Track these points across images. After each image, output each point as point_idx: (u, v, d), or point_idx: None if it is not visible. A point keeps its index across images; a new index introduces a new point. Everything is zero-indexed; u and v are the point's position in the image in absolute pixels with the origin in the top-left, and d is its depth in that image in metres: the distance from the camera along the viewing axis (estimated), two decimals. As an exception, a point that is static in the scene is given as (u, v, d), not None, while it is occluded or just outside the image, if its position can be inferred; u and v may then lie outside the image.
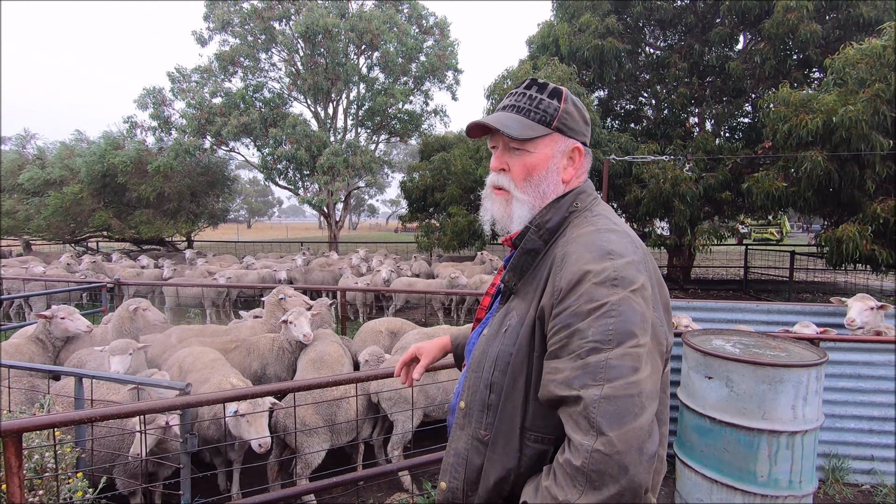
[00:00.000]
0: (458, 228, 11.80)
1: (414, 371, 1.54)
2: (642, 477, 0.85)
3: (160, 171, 15.45)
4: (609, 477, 0.84)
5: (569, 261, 1.01)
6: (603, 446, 0.85)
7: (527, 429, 1.05)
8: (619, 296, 0.94)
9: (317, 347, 4.36)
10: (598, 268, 0.97)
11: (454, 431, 1.19)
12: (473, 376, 1.14)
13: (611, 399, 0.87)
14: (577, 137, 1.18)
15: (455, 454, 1.15)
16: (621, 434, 0.85)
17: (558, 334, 0.97)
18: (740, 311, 4.31)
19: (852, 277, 12.56)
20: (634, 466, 0.85)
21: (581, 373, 0.91)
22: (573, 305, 0.96)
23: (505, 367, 1.07)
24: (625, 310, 0.93)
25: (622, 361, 0.90)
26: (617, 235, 1.05)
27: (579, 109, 1.19)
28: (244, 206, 58.57)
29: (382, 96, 16.60)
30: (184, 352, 4.17)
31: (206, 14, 17.09)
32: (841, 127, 7.38)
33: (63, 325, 4.48)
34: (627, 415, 0.87)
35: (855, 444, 3.76)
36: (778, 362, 2.84)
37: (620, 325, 0.92)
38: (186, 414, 2.71)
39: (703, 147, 10.87)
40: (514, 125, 1.14)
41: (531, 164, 1.16)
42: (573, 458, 0.88)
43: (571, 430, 0.90)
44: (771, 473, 2.84)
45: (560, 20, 12.74)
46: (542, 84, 1.19)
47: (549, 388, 0.96)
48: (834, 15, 10.20)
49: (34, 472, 2.55)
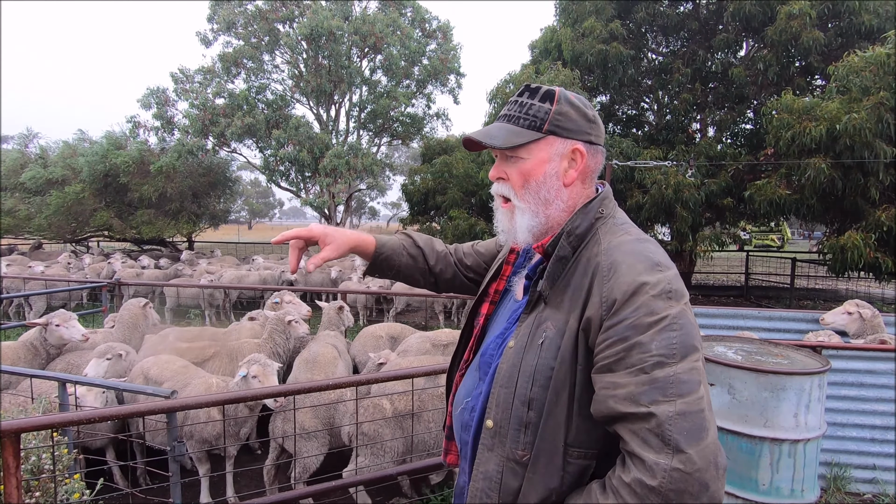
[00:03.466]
0: (459, 232, 11.79)
1: (310, 261, 1.28)
2: (721, 493, 0.84)
3: (162, 172, 15.46)
4: (689, 495, 0.82)
5: (619, 271, 0.98)
6: (682, 464, 0.83)
7: (570, 445, 1.00)
8: (677, 309, 0.93)
9: (311, 348, 4.36)
10: (654, 279, 0.95)
11: (481, 453, 1.10)
12: (503, 392, 1.06)
13: (685, 415, 0.85)
14: (577, 137, 1.13)
15: (485, 477, 1.07)
16: (699, 451, 0.84)
17: (613, 347, 0.93)
18: (742, 317, 4.30)
19: (854, 285, 12.53)
20: (714, 482, 0.84)
21: (649, 388, 0.88)
22: (631, 318, 0.92)
23: (546, 381, 1.01)
24: (685, 323, 0.92)
25: (690, 376, 0.88)
26: (655, 246, 1.04)
27: (577, 108, 1.13)
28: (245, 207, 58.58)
29: (385, 99, 16.63)
30: (148, 361, 4.00)
31: (210, 15, 17.15)
32: (845, 134, 7.38)
33: (58, 332, 4.32)
34: (701, 430, 0.85)
35: (857, 453, 3.74)
36: (780, 370, 2.83)
37: (683, 338, 0.90)
38: (174, 419, 2.68)
39: (706, 153, 10.87)
40: (499, 135, 1.12)
41: (527, 171, 1.13)
42: (646, 477, 0.84)
43: (639, 448, 0.87)
44: (773, 481, 2.82)
45: (563, 25, 12.77)
46: (534, 88, 1.15)
47: (609, 404, 0.92)
48: (836, 23, 10.21)
49: (31, 474, 2.53)
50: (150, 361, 3.97)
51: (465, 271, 1.52)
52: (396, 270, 1.47)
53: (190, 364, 4.02)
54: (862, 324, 4.11)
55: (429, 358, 4.26)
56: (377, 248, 1.43)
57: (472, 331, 1.32)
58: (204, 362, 4.35)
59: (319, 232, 1.32)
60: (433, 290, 1.55)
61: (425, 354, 4.48)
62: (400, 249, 1.46)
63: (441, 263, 1.50)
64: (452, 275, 1.51)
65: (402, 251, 1.46)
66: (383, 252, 1.43)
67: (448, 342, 4.78)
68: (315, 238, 1.33)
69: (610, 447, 0.96)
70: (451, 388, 1.32)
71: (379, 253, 1.43)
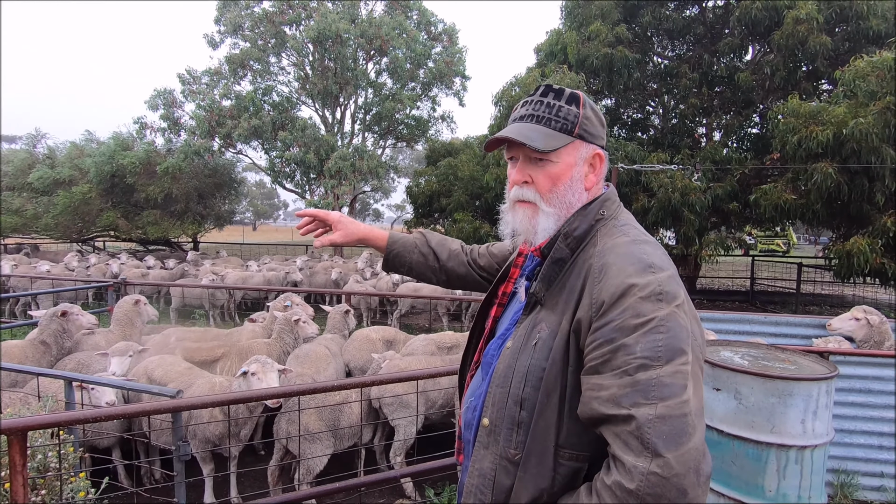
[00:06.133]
0: (463, 234, 11.78)
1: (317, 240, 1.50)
2: (700, 500, 0.83)
3: (168, 173, 15.55)
4: (666, 501, 0.81)
5: (609, 272, 0.98)
6: (660, 468, 0.82)
7: (561, 446, 1.00)
8: (666, 311, 0.91)
9: (303, 347, 4.42)
10: (643, 281, 0.94)
11: (477, 450, 1.12)
12: (499, 392, 1.08)
13: (665, 419, 0.84)
14: (597, 142, 1.15)
15: (480, 475, 1.09)
16: (678, 456, 0.82)
17: (600, 349, 0.93)
18: (748, 322, 4.27)
19: (860, 290, 12.45)
20: (693, 489, 0.82)
21: (631, 390, 0.87)
22: (617, 320, 0.92)
23: (537, 382, 1.02)
24: (673, 326, 0.90)
25: (674, 379, 0.87)
26: (652, 247, 1.02)
27: (597, 113, 1.16)
28: (250, 208, 58.85)
29: (390, 101, 16.68)
30: (152, 361, 3.97)
31: (217, 17, 17.27)
32: (851, 139, 7.35)
33: (79, 321, 4.49)
34: (683, 435, 0.84)
35: (864, 460, 3.70)
36: (787, 375, 2.81)
37: (669, 341, 0.89)
38: (179, 419, 2.68)
39: (712, 157, 10.84)
40: (538, 137, 1.09)
41: (556, 175, 1.11)
42: (625, 480, 0.84)
43: (620, 451, 0.86)
44: (779, 488, 2.79)
45: (569, 28, 12.77)
46: (559, 90, 1.14)
47: (593, 405, 0.92)
48: (844, 27, 10.18)
49: (37, 472, 2.54)
50: (154, 362, 3.96)
51: (478, 270, 1.57)
52: (408, 267, 1.55)
53: (194, 366, 4.02)
54: (870, 330, 4.08)
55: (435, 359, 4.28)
56: (389, 244, 1.52)
57: (481, 332, 1.33)
58: (214, 362, 4.38)
59: (335, 218, 1.48)
60: (445, 286, 1.63)
61: (431, 356, 4.48)
62: (411, 247, 1.53)
63: (453, 261, 1.56)
64: (465, 273, 1.57)
65: (413, 249, 1.53)
66: (394, 249, 1.52)
67: (452, 344, 4.77)
68: (331, 222, 1.49)
69: (602, 450, 0.95)
70: (463, 388, 1.33)
71: (390, 249, 1.52)
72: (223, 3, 17.07)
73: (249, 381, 3.26)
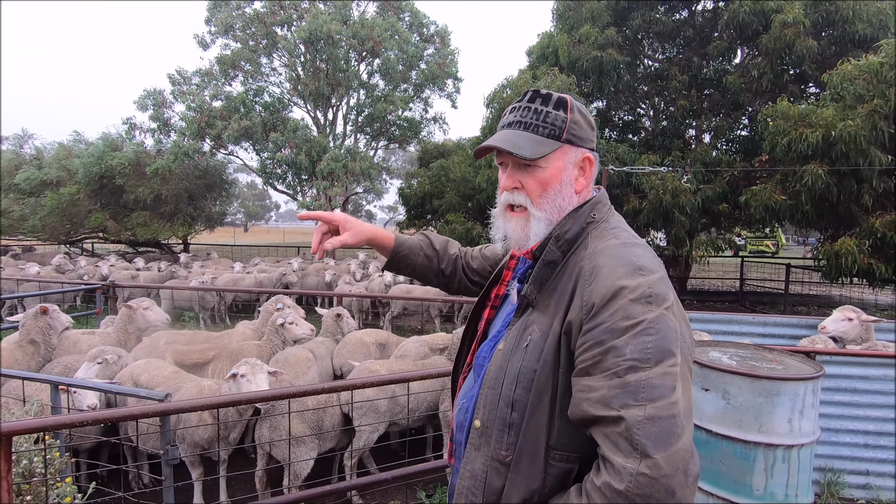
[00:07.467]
0: (455, 236, 11.78)
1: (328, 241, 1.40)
2: (689, 500, 0.83)
3: (158, 174, 15.40)
4: (655, 501, 0.82)
5: (600, 275, 0.99)
6: (648, 469, 0.82)
7: (552, 448, 1.01)
8: (656, 313, 0.92)
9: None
10: (633, 283, 0.95)
11: (468, 452, 1.12)
12: (490, 393, 1.08)
13: (654, 420, 0.85)
14: (586, 145, 1.16)
15: (471, 476, 1.10)
16: (667, 456, 0.83)
17: (590, 350, 0.94)
18: (737, 322, 4.31)
19: (847, 291, 12.59)
20: (681, 489, 0.83)
21: (620, 392, 0.88)
22: (607, 322, 0.93)
23: (528, 383, 1.03)
24: (662, 328, 0.91)
25: (663, 381, 0.88)
26: (642, 250, 1.03)
27: (585, 116, 1.16)
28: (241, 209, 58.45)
29: (382, 103, 16.66)
30: (139, 366, 3.86)
31: (208, 18, 17.15)
32: (840, 141, 7.43)
33: (60, 317, 4.46)
34: (671, 436, 0.84)
35: (850, 459, 3.75)
36: (775, 375, 2.83)
37: (659, 343, 0.90)
38: (167, 423, 2.65)
39: (702, 159, 10.93)
40: (525, 144, 1.10)
41: (545, 180, 1.12)
42: (614, 481, 0.85)
43: (610, 452, 0.87)
44: (767, 487, 2.82)
45: (560, 31, 12.84)
46: (546, 95, 1.15)
47: (583, 407, 0.92)
48: (830, 31, 10.30)
49: (22, 477, 2.51)
50: (140, 366, 3.85)
51: (470, 274, 1.57)
52: (412, 269, 1.54)
53: (180, 370, 3.95)
54: (861, 329, 4.13)
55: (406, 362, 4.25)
56: (396, 246, 1.50)
57: (474, 334, 1.33)
58: (205, 364, 4.32)
59: (341, 218, 1.42)
60: (446, 290, 1.63)
61: (423, 358, 4.46)
62: (417, 250, 1.52)
63: (451, 266, 1.56)
64: (459, 278, 1.57)
65: (419, 251, 1.53)
66: (401, 250, 1.51)
67: (445, 346, 4.76)
68: (336, 223, 1.42)
69: (592, 451, 0.96)
70: (456, 390, 1.34)
71: (397, 251, 1.50)
72: (214, 3, 16.96)
73: (239, 384, 3.21)
